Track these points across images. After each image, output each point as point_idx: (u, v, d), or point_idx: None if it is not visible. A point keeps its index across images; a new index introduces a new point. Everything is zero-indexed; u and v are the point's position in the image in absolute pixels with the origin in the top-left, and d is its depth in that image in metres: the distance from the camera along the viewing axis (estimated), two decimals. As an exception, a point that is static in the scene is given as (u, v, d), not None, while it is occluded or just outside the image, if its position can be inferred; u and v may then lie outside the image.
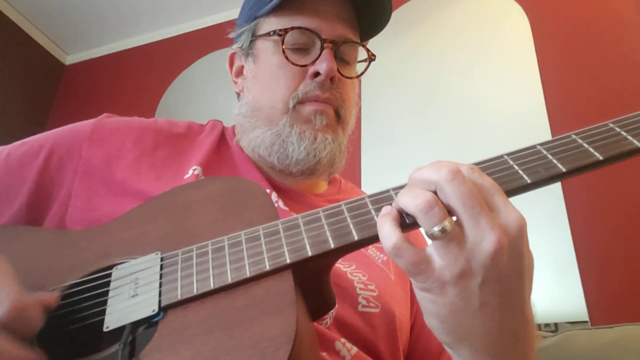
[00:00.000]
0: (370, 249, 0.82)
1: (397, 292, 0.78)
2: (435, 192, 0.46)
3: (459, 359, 0.51)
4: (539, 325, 1.70)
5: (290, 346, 0.42)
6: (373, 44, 0.89)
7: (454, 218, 0.46)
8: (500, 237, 0.44)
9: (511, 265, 0.46)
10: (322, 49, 0.79)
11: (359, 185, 1.68)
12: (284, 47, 0.80)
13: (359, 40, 0.86)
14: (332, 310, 0.67)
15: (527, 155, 0.53)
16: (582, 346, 1.06)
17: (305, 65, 0.79)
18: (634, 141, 0.51)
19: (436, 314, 0.48)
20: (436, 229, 0.44)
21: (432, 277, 0.46)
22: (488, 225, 0.44)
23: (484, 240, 0.44)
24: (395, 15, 0.86)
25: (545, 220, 1.83)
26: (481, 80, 2.23)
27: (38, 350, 0.51)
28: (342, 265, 0.74)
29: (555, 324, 1.70)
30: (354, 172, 2.16)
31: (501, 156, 0.54)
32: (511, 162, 0.52)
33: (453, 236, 0.44)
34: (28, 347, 0.46)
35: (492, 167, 0.53)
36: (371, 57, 0.88)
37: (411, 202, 0.46)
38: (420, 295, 0.49)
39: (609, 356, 1.00)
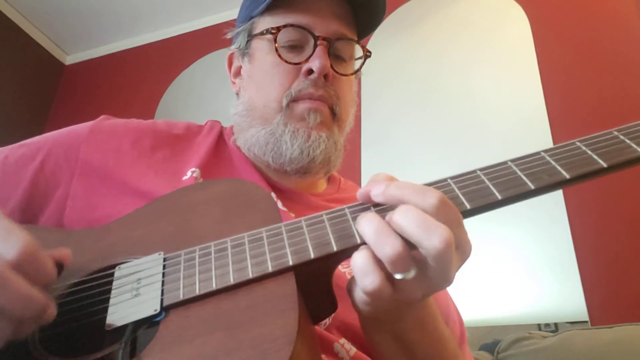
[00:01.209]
0: None
1: None
2: None
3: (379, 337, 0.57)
4: (539, 326, 1.71)
5: (292, 347, 0.42)
6: (373, 43, 0.90)
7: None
8: (452, 278, 0.47)
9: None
10: (315, 46, 0.79)
11: (360, 184, 1.68)
12: (277, 45, 0.80)
13: (355, 37, 0.85)
14: None
15: (530, 162, 0.53)
16: (582, 346, 1.06)
17: (298, 63, 0.79)
18: (638, 149, 0.51)
19: (372, 313, 0.52)
20: (400, 276, 0.46)
21: (387, 305, 0.49)
22: (453, 269, 0.47)
23: (446, 281, 0.47)
24: (395, 14, 0.86)
25: (545, 220, 1.83)
26: (481, 80, 2.23)
27: (39, 348, 0.51)
28: (341, 267, 0.74)
29: (555, 324, 1.70)
30: (354, 171, 2.16)
31: (505, 162, 0.54)
32: (515, 168, 0.53)
33: (416, 277, 0.46)
34: (39, 290, 0.45)
35: (496, 172, 0.53)
36: (366, 54, 0.87)
37: (380, 249, 0.46)
38: (360, 300, 0.51)
39: (609, 356, 1.01)
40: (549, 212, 1.83)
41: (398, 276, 0.45)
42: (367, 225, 0.47)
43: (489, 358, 1.19)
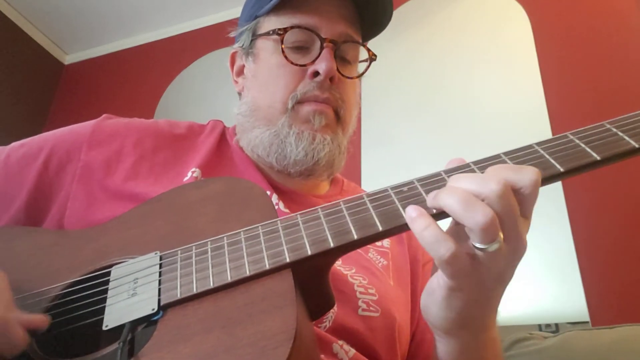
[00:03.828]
0: (371, 253, 0.81)
1: (397, 297, 0.78)
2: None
3: (452, 343, 0.55)
4: (540, 326, 1.70)
5: (291, 344, 0.42)
6: (373, 44, 0.89)
7: None
8: (525, 245, 0.48)
9: None
10: (321, 48, 0.78)
11: (360, 185, 1.68)
12: (283, 46, 0.79)
13: (360, 40, 0.85)
14: (332, 313, 0.67)
15: (524, 155, 0.53)
16: (583, 347, 1.05)
17: (304, 65, 0.79)
18: (631, 141, 0.51)
19: (457, 308, 0.50)
20: (494, 245, 0.45)
21: (473, 281, 0.47)
22: (522, 236, 0.47)
23: (520, 250, 0.47)
24: (396, 14, 0.85)
25: (546, 220, 1.82)
26: (482, 80, 2.22)
27: (37, 349, 0.51)
28: (343, 269, 0.74)
29: (556, 325, 1.70)
30: (354, 173, 2.16)
31: (498, 155, 0.54)
32: (509, 162, 0.52)
33: (501, 248, 0.46)
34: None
35: (489, 165, 0.52)
36: (372, 57, 0.87)
37: (469, 215, 0.45)
38: (444, 294, 0.50)
39: (610, 357, 1.00)
40: (550, 212, 1.83)
41: (494, 246, 0.45)
42: (452, 198, 0.47)
43: (489, 358, 1.18)
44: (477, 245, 0.45)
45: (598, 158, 0.51)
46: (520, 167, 0.49)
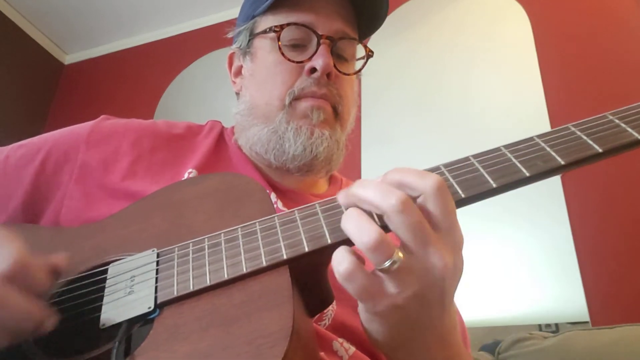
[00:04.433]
0: None
1: None
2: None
3: None
4: (540, 326, 1.70)
5: (287, 342, 0.41)
6: (373, 43, 0.89)
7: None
8: (447, 261, 0.45)
9: (452, 279, 0.47)
10: (318, 44, 0.78)
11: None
12: (280, 43, 0.79)
13: (356, 37, 0.85)
14: (331, 312, 0.66)
15: (524, 148, 0.52)
16: (582, 347, 1.05)
17: (301, 62, 0.79)
18: (634, 133, 0.50)
19: (382, 332, 0.49)
20: (387, 263, 0.43)
21: (384, 303, 0.46)
22: (437, 252, 0.45)
23: (434, 268, 0.45)
24: (396, 14, 0.86)
25: (546, 220, 1.82)
26: (482, 79, 2.22)
27: (33, 347, 0.51)
28: None
29: (556, 325, 1.69)
30: (354, 172, 2.15)
31: (498, 148, 0.53)
32: (509, 155, 0.51)
33: (404, 266, 0.44)
34: (36, 301, 0.47)
35: (489, 159, 0.52)
36: (369, 54, 0.86)
37: (358, 237, 0.44)
38: (366, 317, 0.49)
39: (610, 357, 1.00)
40: (550, 212, 1.82)
41: (386, 264, 0.43)
42: (347, 222, 0.46)
43: (489, 359, 1.18)
44: (375, 266, 0.44)
45: (600, 150, 0.49)
46: (424, 174, 0.47)
